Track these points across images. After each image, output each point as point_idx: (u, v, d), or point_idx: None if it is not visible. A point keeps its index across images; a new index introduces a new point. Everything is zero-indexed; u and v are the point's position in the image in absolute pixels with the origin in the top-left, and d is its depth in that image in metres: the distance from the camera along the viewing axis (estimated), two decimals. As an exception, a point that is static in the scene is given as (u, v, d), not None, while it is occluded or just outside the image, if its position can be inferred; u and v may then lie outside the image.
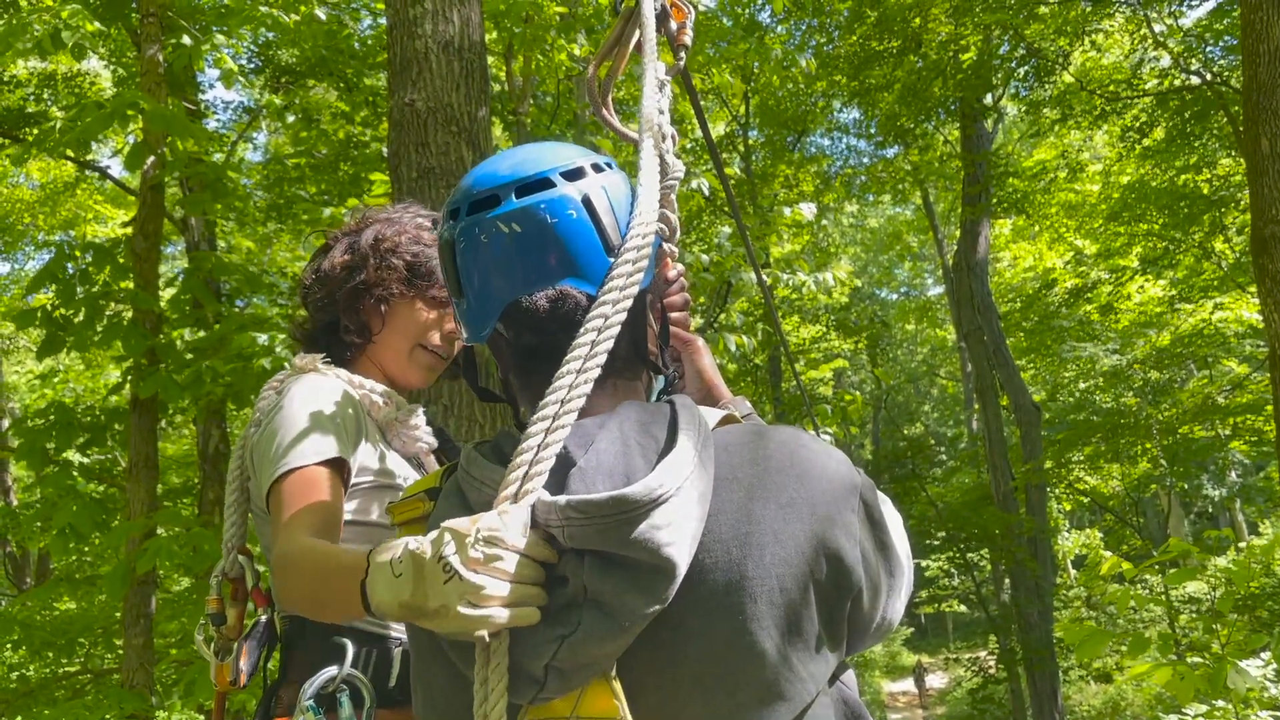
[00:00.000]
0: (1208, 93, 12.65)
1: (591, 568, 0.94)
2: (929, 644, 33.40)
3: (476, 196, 1.14)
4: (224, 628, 1.73)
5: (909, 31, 14.03)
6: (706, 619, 0.96)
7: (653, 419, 1.06)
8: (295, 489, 1.58)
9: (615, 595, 0.92)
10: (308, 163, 9.99)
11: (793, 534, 0.99)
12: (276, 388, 1.82)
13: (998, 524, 14.85)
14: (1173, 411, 15.91)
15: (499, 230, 1.11)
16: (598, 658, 0.93)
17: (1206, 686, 3.47)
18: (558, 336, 1.09)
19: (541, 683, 0.93)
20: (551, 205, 1.11)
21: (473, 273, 1.14)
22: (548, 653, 0.93)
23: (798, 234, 12.12)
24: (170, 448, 13.06)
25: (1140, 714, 17.22)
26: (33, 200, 15.65)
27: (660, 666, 0.96)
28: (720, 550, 0.97)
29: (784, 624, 0.97)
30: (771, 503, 1.00)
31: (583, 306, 1.10)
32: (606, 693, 0.94)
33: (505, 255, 1.11)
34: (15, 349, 17.64)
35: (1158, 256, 15.74)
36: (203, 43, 5.73)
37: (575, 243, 1.11)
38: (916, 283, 36.79)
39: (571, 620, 0.94)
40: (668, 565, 0.92)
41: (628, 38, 1.64)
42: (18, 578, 15.49)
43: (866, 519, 1.07)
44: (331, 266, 1.87)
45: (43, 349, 5.27)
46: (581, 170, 1.15)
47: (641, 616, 0.92)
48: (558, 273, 1.11)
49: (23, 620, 7.23)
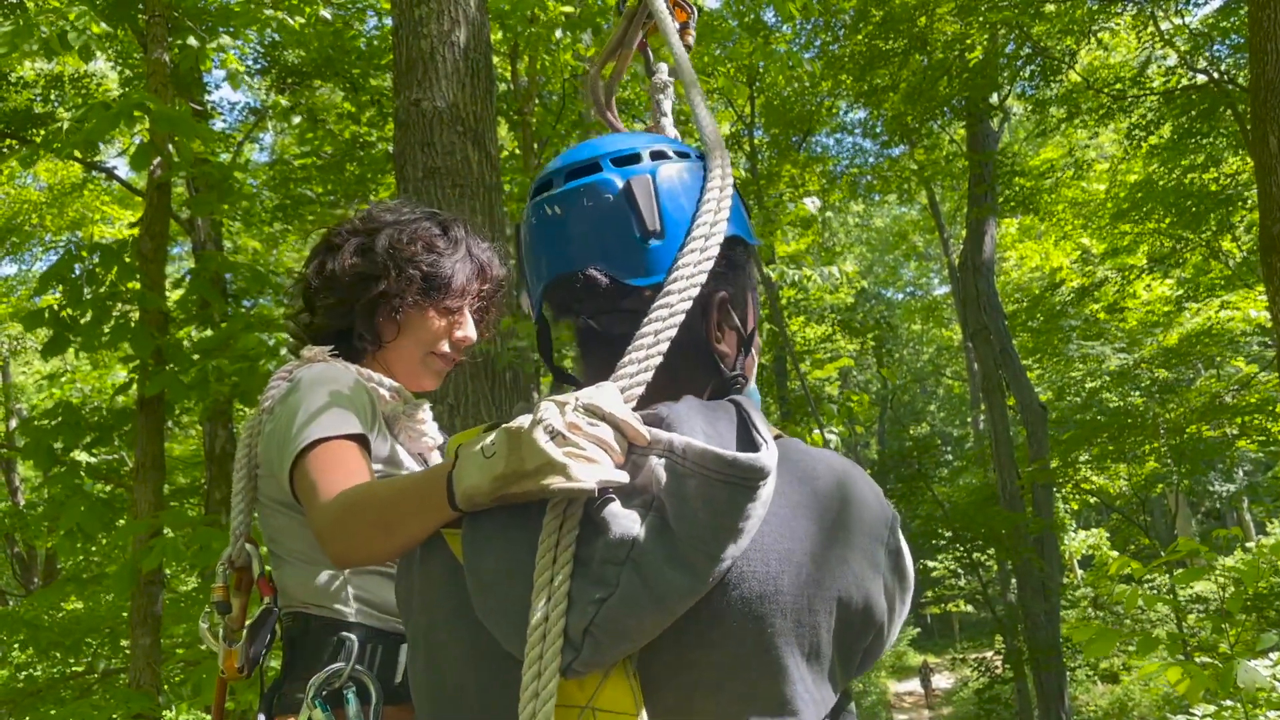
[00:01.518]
0: (1215, 91, 12.61)
1: (651, 525, 0.95)
2: (935, 644, 33.36)
3: (540, 181, 1.18)
4: (229, 617, 1.73)
5: (914, 31, 14.00)
6: (736, 626, 0.95)
7: (718, 416, 1.05)
8: (324, 459, 1.55)
9: (658, 564, 0.92)
10: (314, 163, 10.02)
11: (830, 559, 0.99)
12: (286, 376, 1.80)
13: (1004, 524, 14.81)
14: (1180, 410, 15.86)
15: (545, 214, 1.15)
16: (632, 630, 0.92)
17: (1215, 686, 3.46)
18: (599, 319, 1.12)
19: (578, 648, 0.92)
20: (591, 191, 1.13)
21: (528, 254, 1.19)
22: (588, 615, 0.92)
23: (804, 233, 12.14)
24: (177, 448, 13.09)
25: (1148, 714, 17.20)
26: (40, 201, 15.69)
27: (681, 667, 0.96)
28: (760, 560, 0.96)
29: (806, 644, 0.97)
30: (815, 524, 1.00)
31: (609, 290, 1.11)
32: (625, 687, 0.94)
33: (545, 236, 1.15)
34: (23, 349, 17.69)
35: (1165, 255, 15.70)
36: (209, 44, 5.74)
37: (606, 228, 1.12)
38: (922, 282, 36.81)
39: (610, 580, 0.93)
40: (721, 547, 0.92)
41: (630, 39, 1.65)
42: (25, 577, 15.55)
43: (893, 550, 1.07)
44: (343, 270, 1.84)
45: (48, 349, 5.27)
46: (637, 156, 1.15)
47: (678, 594, 0.91)
48: (586, 256, 1.12)
49: (30, 620, 7.24)
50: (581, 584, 0.94)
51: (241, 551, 1.77)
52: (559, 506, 0.97)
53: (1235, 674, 3.45)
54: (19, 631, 7.13)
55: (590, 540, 0.96)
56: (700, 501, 0.93)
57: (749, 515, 0.93)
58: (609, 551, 0.95)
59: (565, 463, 0.93)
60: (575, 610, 0.93)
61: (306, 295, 1.89)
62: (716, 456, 0.93)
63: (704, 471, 0.93)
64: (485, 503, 1.01)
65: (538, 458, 0.94)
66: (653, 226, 1.11)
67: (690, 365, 1.14)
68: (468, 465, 1.02)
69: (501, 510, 1.01)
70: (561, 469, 0.93)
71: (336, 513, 1.38)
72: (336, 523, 1.37)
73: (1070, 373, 20.00)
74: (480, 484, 1.00)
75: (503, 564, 0.99)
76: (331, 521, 1.39)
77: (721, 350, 1.17)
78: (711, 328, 1.16)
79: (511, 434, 0.97)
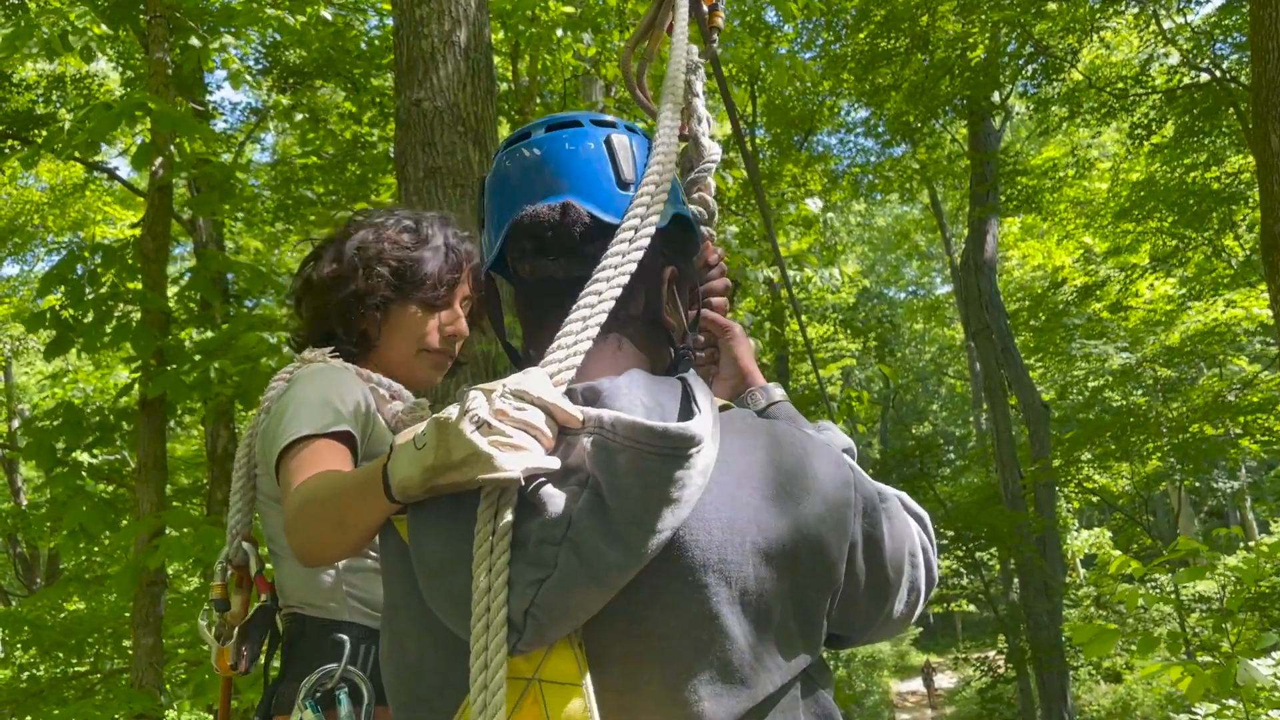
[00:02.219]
0: (1217, 89, 12.60)
1: (586, 503, 0.95)
2: (937, 643, 33.32)
3: (511, 138, 1.20)
4: (228, 614, 1.74)
5: (916, 30, 14.00)
6: (679, 594, 0.95)
7: (661, 389, 1.06)
8: (301, 457, 1.56)
9: (594, 541, 0.92)
10: (315, 163, 10.02)
11: (775, 526, 0.98)
12: (286, 378, 1.82)
13: (1006, 523, 14.81)
14: (1183, 410, 15.84)
15: (521, 155, 1.17)
16: (573, 609, 0.92)
17: (1216, 685, 3.46)
18: (560, 261, 1.12)
19: (520, 630, 0.92)
20: (573, 137, 1.17)
21: (493, 197, 1.19)
22: (528, 597, 0.92)
23: (805, 232, 12.14)
24: (179, 448, 13.11)
25: (1150, 713, 17.17)
26: (42, 202, 15.71)
27: (626, 637, 0.96)
28: (702, 529, 0.96)
29: (755, 612, 0.97)
30: (758, 493, 1.00)
31: (587, 225, 1.12)
32: (570, 657, 0.94)
33: (521, 175, 1.16)
34: (25, 350, 17.70)
35: (1167, 254, 15.68)
36: (210, 44, 5.74)
37: (589, 169, 1.15)
38: (924, 282, 36.74)
39: (549, 561, 0.93)
40: (657, 519, 0.92)
41: (661, 20, 1.66)
42: (28, 578, 15.56)
43: (864, 515, 1.07)
44: (320, 277, 1.88)
45: (50, 349, 5.28)
46: (613, 123, 1.20)
47: (616, 569, 0.91)
48: (566, 190, 1.14)
49: (33, 620, 7.24)
50: (520, 566, 0.94)
51: (239, 550, 1.78)
52: (493, 493, 0.97)
53: (1236, 673, 3.45)
54: (22, 631, 7.14)
55: (526, 522, 0.96)
56: (634, 476, 0.93)
57: (685, 484, 0.93)
58: (545, 532, 0.95)
59: (491, 453, 0.93)
60: (515, 592, 0.93)
61: (295, 305, 1.96)
62: (646, 428, 0.93)
63: (635, 445, 0.93)
64: (418, 494, 1.01)
65: (464, 448, 0.94)
66: (628, 178, 1.15)
67: (645, 339, 1.16)
68: (401, 457, 1.02)
69: (442, 497, 1.01)
70: (487, 460, 0.93)
71: (294, 509, 1.41)
72: (294, 518, 1.40)
73: (1073, 372, 19.97)
74: (411, 475, 1.00)
75: (446, 551, 1.00)
76: (291, 517, 1.42)
77: (670, 323, 1.18)
78: (662, 302, 1.18)
79: (440, 425, 0.97)
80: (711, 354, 1.40)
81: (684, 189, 1.47)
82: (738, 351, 1.39)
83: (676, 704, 0.94)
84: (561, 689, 0.93)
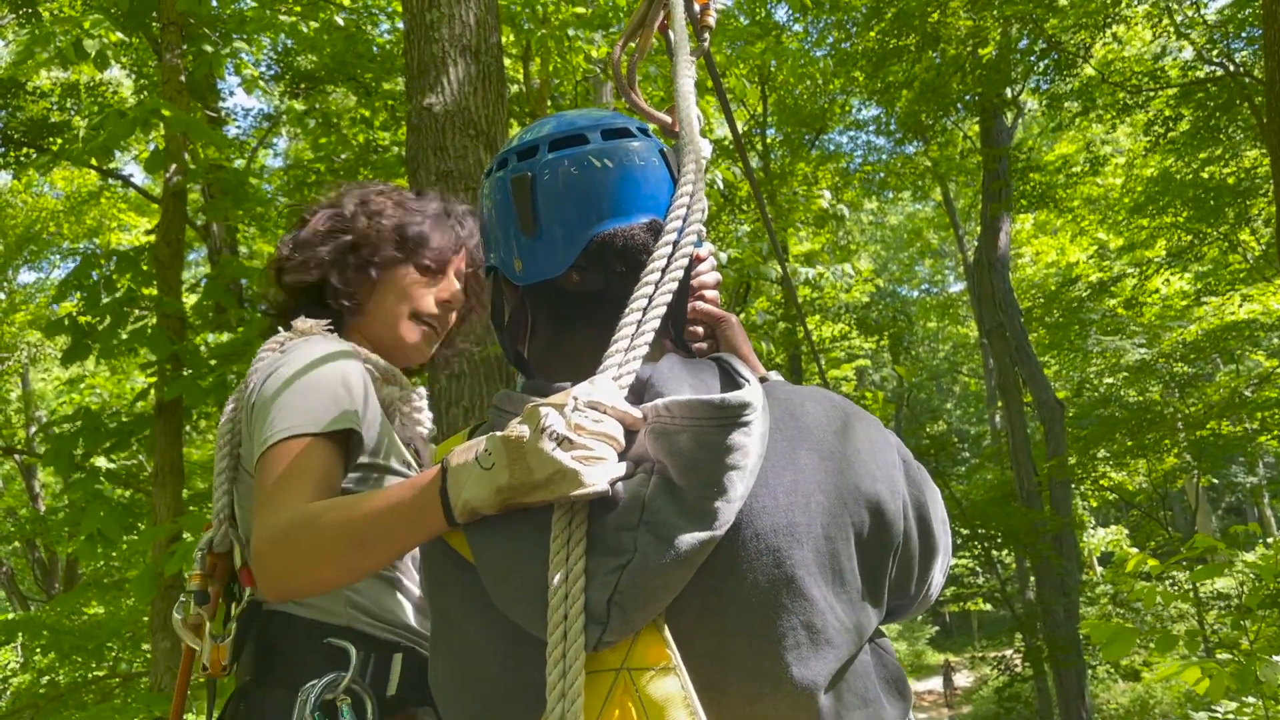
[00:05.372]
0: (1231, 84, 12.51)
1: (657, 486, 0.96)
2: (955, 642, 33.21)
3: (558, 137, 1.17)
4: (205, 606, 1.55)
5: (927, 27, 13.94)
6: (754, 562, 0.96)
7: (699, 369, 1.09)
8: (295, 462, 1.37)
9: (671, 519, 0.93)
10: (327, 168, 10.05)
11: (835, 485, 1.00)
12: (276, 347, 1.63)
13: (1022, 521, 14.73)
14: (1199, 406, 15.74)
15: (591, 164, 1.14)
16: (657, 590, 0.92)
17: (1234, 684, 3.43)
18: (632, 276, 1.11)
19: (605, 622, 0.92)
20: (640, 150, 1.17)
21: (559, 204, 1.14)
22: (610, 584, 0.92)
23: (818, 232, 12.11)
24: (195, 453, 13.16)
25: (1169, 712, 17.06)
26: (58, 209, 15.83)
27: (709, 612, 0.96)
28: (768, 495, 0.98)
29: (829, 572, 0.98)
30: (814, 454, 1.02)
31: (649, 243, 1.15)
32: (657, 641, 0.94)
33: (598, 187, 1.14)
34: (43, 356, 17.83)
35: (1183, 249, 15.58)
36: (223, 50, 5.78)
37: (660, 186, 1.17)
38: (938, 279, 36.64)
39: (628, 547, 0.94)
40: (727, 488, 0.93)
41: (652, 19, 1.65)
42: (46, 583, 15.68)
43: (907, 476, 1.10)
44: (313, 232, 1.74)
45: (68, 355, 5.31)
46: (649, 132, 1.21)
47: (698, 544, 0.92)
48: (645, 209, 1.15)
49: (52, 625, 7.30)
50: (598, 558, 0.95)
51: (225, 537, 1.59)
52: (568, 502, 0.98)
53: (1256, 670, 3.43)
54: (41, 636, 7.19)
55: (599, 516, 0.97)
56: (699, 451, 0.94)
57: (748, 451, 0.95)
58: (621, 519, 0.96)
59: (577, 469, 0.93)
60: (596, 583, 0.93)
61: (277, 269, 1.77)
62: (703, 403, 0.95)
63: (695, 422, 0.95)
64: (489, 512, 1.00)
65: (548, 466, 0.94)
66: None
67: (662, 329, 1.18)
68: (463, 478, 1.01)
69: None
70: (574, 476, 0.93)
71: (273, 534, 1.21)
72: (276, 542, 1.20)
73: (1088, 368, 19.86)
74: (482, 495, 0.99)
75: (510, 548, 1.00)
76: (273, 537, 1.21)
77: (674, 316, 1.21)
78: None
79: (511, 444, 0.96)
80: (711, 345, 1.42)
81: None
82: (736, 340, 1.40)
83: (764, 672, 0.95)
84: (652, 674, 0.93)
